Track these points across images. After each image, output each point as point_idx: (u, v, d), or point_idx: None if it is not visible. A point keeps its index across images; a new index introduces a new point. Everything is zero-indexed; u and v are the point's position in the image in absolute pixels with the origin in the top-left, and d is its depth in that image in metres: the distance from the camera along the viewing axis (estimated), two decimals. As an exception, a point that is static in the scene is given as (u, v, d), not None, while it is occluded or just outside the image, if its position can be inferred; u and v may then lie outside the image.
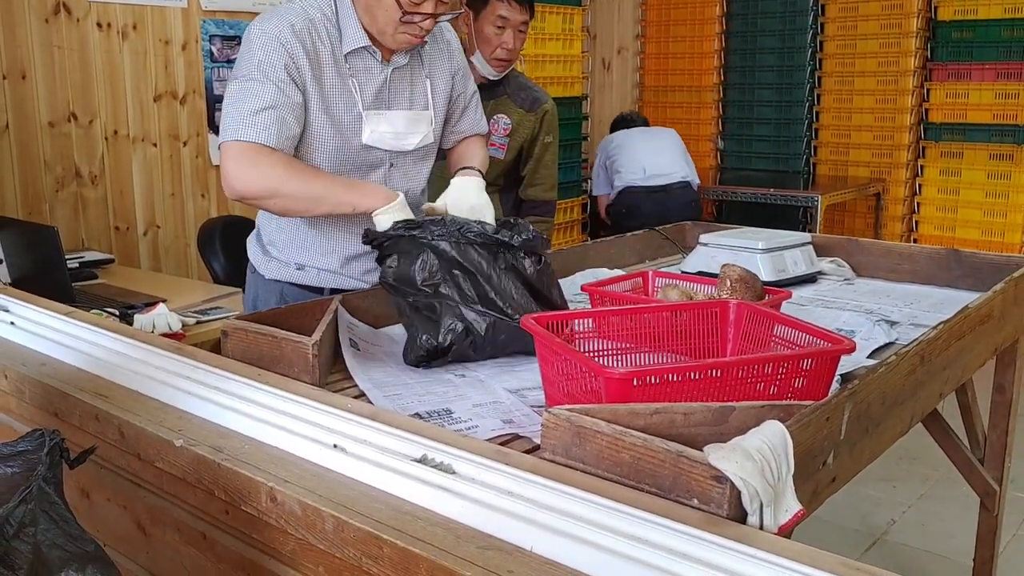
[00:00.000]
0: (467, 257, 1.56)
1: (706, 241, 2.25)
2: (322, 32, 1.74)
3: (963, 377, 1.75)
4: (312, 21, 1.73)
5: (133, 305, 2.51)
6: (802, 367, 1.20)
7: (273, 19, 1.72)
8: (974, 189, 5.11)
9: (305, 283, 1.90)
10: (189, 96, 3.84)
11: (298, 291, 1.91)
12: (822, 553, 0.83)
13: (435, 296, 1.55)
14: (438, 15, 1.73)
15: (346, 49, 1.76)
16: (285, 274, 1.91)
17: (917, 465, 3.47)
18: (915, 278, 2.22)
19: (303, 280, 1.90)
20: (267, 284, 1.94)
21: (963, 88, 5.09)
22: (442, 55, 1.93)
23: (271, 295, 1.92)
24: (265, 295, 1.94)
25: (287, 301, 1.85)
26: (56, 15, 3.39)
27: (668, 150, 4.76)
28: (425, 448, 1.02)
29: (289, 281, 1.91)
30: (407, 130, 1.86)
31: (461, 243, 1.56)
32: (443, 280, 1.56)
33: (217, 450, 1.07)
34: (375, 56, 1.79)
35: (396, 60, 1.83)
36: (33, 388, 1.33)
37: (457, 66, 1.97)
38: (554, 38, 5.19)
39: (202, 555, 1.12)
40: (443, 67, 1.93)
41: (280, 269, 1.92)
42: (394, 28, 1.72)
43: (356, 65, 1.78)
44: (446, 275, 1.56)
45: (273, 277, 1.92)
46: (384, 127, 1.82)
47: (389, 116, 1.83)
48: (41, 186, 3.42)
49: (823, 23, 5.50)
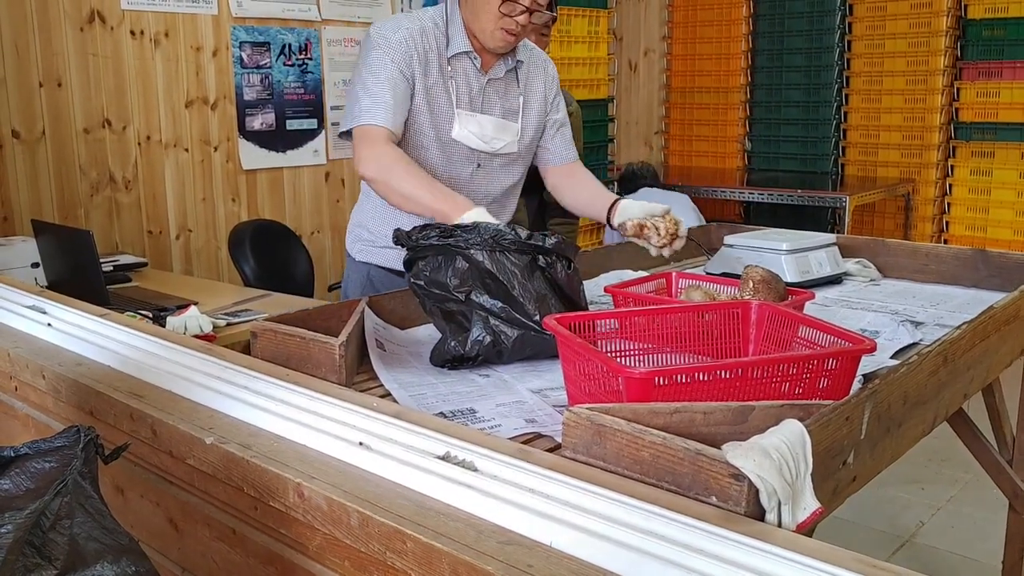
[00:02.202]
0: (501, 266, 1.56)
1: (731, 242, 2.26)
2: (431, 39, 1.95)
3: (988, 378, 1.74)
4: (424, 28, 1.95)
5: (165, 307, 2.55)
6: (826, 367, 1.21)
7: (391, 24, 1.96)
8: (1006, 189, 5.05)
9: (389, 265, 2.04)
10: (220, 102, 3.90)
11: (384, 273, 2.06)
12: (838, 550, 0.84)
13: (466, 304, 1.56)
14: (533, 11, 1.88)
15: (450, 53, 1.96)
16: (371, 256, 2.07)
17: (947, 467, 3.44)
18: (942, 279, 2.21)
19: (387, 262, 2.04)
20: (356, 266, 2.10)
21: (994, 87, 5.04)
22: (539, 80, 2.11)
23: (359, 277, 2.09)
24: (354, 277, 2.10)
25: (373, 282, 2.04)
26: (91, 24, 3.46)
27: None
28: (448, 446, 1.04)
29: (377, 264, 2.06)
30: (494, 134, 2.02)
31: (496, 251, 1.57)
32: (474, 287, 1.56)
33: (246, 447, 1.10)
34: (475, 63, 1.99)
35: (494, 72, 2.00)
36: (69, 387, 1.36)
37: (552, 93, 2.14)
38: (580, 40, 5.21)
39: (232, 550, 1.15)
40: (538, 89, 2.10)
41: (367, 251, 2.07)
42: (494, 23, 1.88)
43: (457, 69, 1.98)
44: (477, 282, 1.56)
45: (362, 259, 2.09)
46: (473, 127, 1.99)
47: (479, 119, 2.00)
48: (76, 191, 3.49)
49: (851, 23, 5.46)
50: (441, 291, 1.57)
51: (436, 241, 1.59)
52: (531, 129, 2.10)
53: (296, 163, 4.18)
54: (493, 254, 1.56)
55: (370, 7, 4.32)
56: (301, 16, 4.12)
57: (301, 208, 4.21)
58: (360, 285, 2.08)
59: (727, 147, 6.05)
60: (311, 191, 4.24)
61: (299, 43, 4.14)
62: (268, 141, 4.08)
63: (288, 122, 4.14)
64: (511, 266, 1.56)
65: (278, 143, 4.12)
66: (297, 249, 3.70)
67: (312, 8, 4.15)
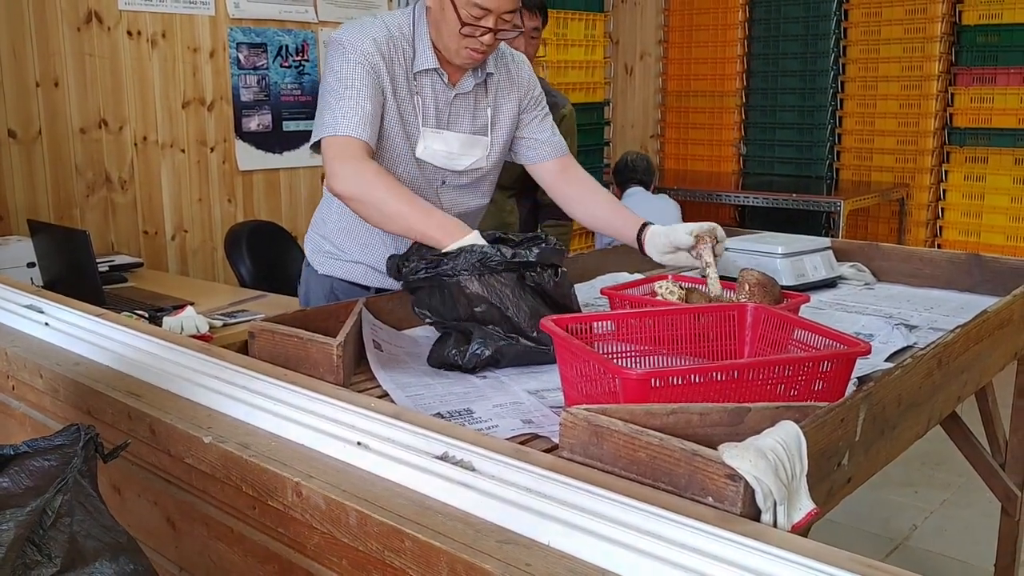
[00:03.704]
0: (491, 288, 1.56)
1: (727, 246, 2.26)
2: (398, 49, 1.83)
3: (981, 381, 1.75)
4: (391, 37, 1.83)
5: (162, 308, 2.55)
6: (821, 369, 1.22)
7: (358, 30, 1.82)
8: (999, 194, 5.08)
9: (354, 280, 1.98)
10: (217, 103, 3.90)
11: (347, 287, 1.99)
12: (834, 550, 0.85)
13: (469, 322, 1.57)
14: (498, 31, 1.77)
15: (416, 68, 1.84)
16: (335, 269, 2.00)
17: (940, 471, 3.46)
18: (936, 283, 2.23)
19: (352, 277, 1.98)
20: (319, 279, 2.03)
21: (988, 93, 5.06)
22: (511, 90, 1.97)
23: (321, 289, 2.02)
24: (316, 289, 2.03)
25: (336, 296, 1.97)
26: (88, 24, 3.46)
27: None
28: (446, 446, 1.05)
29: (339, 277, 2.00)
30: (461, 151, 1.92)
31: (484, 274, 1.56)
32: (469, 314, 1.56)
33: (245, 447, 1.10)
34: (442, 78, 1.87)
35: (462, 86, 1.90)
36: (67, 387, 1.37)
37: (526, 88, 1.99)
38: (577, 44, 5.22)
39: (230, 549, 1.15)
40: (511, 99, 1.97)
41: (331, 264, 2.01)
42: (457, 43, 1.78)
43: (423, 84, 1.86)
44: (471, 309, 1.56)
45: (325, 272, 2.02)
46: (438, 145, 1.89)
47: (446, 136, 1.89)
48: (72, 191, 3.49)
49: (846, 28, 5.48)
50: (440, 318, 1.59)
51: (425, 274, 1.58)
52: (500, 144, 1.98)
53: (292, 164, 4.18)
54: (482, 278, 1.56)
55: (366, 9, 4.32)
56: (298, 18, 4.12)
57: (297, 209, 4.21)
58: (324, 298, 2.00)
59: (722, 151, 6.06)
60: (307, 192, 4.24)
61: (296, 45, 4.14)
62: (264, 142, 4.08)
63: (285, 123, 4.14)
64: (500, 287, 1.56)
65: (274, 144, 4.12)
66: (293, 250, 3.70)
67: (309, 10, 4.15)
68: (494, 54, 1.93)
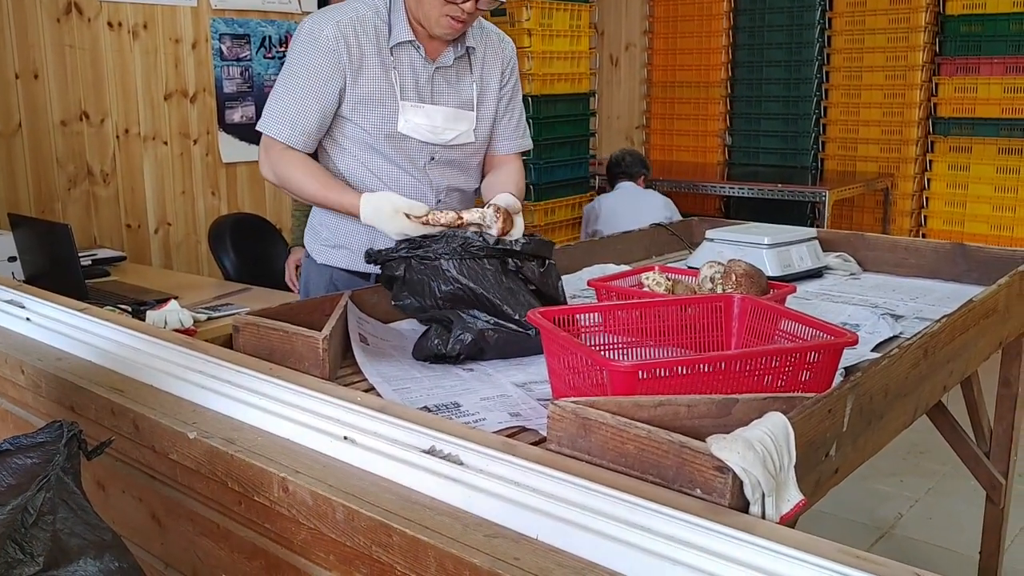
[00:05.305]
0: (472, 272, 1.56)
1: (712, 237, 2.27)
2: (368, 28, 1.86)
3: (967, 371, 1.76)
4: (361, 17, 1.86)
5: (145, 302, 2.54)
6: (808, 360, 1.22)
7: (321, 16, 1.87)
8: (983, 184, 5.10)
9: (352, 268, 1.98)
10: (199, 94, 3.87)
11: (347, 276, 1.99)
12: (822, 541, 0.85)
13: (449, 309, 1.56)
14: None
15: (392, 42, 1.87)
16: (332, 258, 2.00)
17: (925, 460, 3.48)
18: (921, 272, 2.23)
19: (351, 265, 1.98)
20: (318, 268, 2.03)
21: (972, 83, 5.08)
22: (495, 65, 2.00)
23: (321, 279, 2.02)
24: (316, 279, 2.03)
25: (336, 285, 1.97)
26: (67, 15, 3.43)
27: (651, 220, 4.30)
28: (433, 440, 1.04)
29: (338, 266, 2.00)
30: (445, 125, 1.93)
31: (465, 259, 1.57)
32: (451, 298, 1.56)
33: (230, 442, 1.09)
34: (419, 51, 1.89)
35: (442, 60, 1.92)
36: (49, 382, 1.35)
37: (507, 60, 2.04)
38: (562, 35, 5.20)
39: (216, 545, 1.14)
40: (494, 67, 2.00)
41: (328, 253, 2.01)
42: (438, 10, 1.80)
43: (401, 59, 1.89)
44: (452, 293, 1.56)
45: (324, 262, 2.02)
46: (420, 118, 1.90)
47: (427, 110, 1.91)
48: (54, 184, 3.45)
49: (831, 18, 5.49)
50: (420, 304, 1.59)
51: (405, 254, 1.59)
52: (488, 118, 2.01)
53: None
54: (463, 262, 1.56)
55: None
56: (281, 8, 4.09)
57: (281, 202, 4.18)
58: (324, 289, 2.00)
59: (708, 142, 6.07)
60: (292, 185, 4.22)
61: (279, 35, 4.11)
62: (248, 134, 4.05)
63: (268, 115, 4.12)
64: (481, 270, 1.56)
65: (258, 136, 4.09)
66: (278, 243, 3.68)
67: (292, 0, 4.12)
68: (479, 31, 1.97)
